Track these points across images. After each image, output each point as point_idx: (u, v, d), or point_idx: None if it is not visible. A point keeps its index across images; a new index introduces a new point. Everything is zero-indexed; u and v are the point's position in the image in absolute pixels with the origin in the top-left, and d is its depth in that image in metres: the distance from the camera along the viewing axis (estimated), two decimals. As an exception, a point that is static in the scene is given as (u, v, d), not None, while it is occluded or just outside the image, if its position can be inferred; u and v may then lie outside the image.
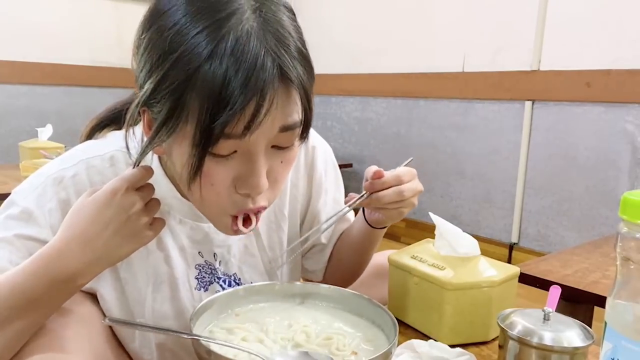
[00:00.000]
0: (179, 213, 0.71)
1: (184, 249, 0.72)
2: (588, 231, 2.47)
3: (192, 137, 0.54)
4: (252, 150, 0.56)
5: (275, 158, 0.59)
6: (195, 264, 0.74)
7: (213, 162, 0.56)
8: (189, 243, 0.73)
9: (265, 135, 0.55)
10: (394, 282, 0.82)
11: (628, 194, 0.46)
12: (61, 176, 0.66)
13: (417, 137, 3.20)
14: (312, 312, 0.70)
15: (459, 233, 0.78)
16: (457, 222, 0.78)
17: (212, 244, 0.75)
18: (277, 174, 0.61)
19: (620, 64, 2.31)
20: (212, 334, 0.63)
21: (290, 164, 0.62)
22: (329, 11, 3.65)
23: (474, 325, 0.74)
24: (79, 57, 3.44)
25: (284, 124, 0.56)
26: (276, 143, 0.58)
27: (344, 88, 3.56)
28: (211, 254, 0.75)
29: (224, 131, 0.52)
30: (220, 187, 0.58)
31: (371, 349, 0.62)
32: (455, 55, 2.93)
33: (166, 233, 0.70)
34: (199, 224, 0.73)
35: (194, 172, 0.56)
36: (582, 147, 2.48)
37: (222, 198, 0.59)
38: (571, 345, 0.57)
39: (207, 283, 0.75)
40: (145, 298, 0.70)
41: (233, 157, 0.57)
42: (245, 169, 0.57)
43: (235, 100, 0.51)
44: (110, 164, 0.68)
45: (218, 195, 0.58)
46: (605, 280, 1.06)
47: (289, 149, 0.60)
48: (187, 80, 0.52)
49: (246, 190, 0.58)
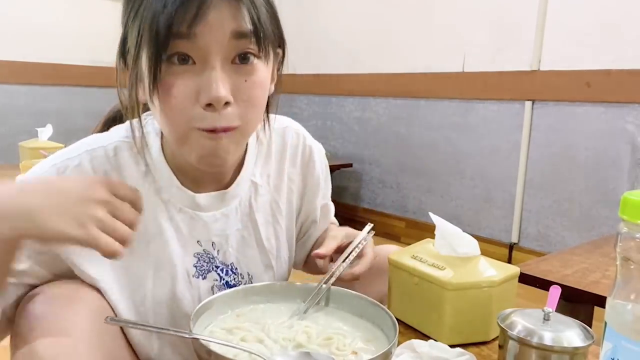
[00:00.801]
0: (179, 202, 0.72)
1: (182, 238, 0.73)
2: (588, 231, 2.47)
3: (147, 46, 0.59)
4: (207, 57, 0.60)
5: (237, 75, 0.62)
6: (193, 252, 0.74)
7: (171, 73, 0.60)
8: (188, 232, 0.74)
9: (217, 40, 0.59)
10: (394, 282, 0.82)
11: (628, 194, 0.46)
12: (65, 165, 0.67)
13: (417, 137, 3.20)
14: (312, 312, 0.70)
15: (459, 233, 0.78)
16: (457, 222, 0.78)
17: (211, 233, 0.75)
18: (244, 94, 0.63)
19: (620, 64, 2.31)
20: (212, 334, 0.63)
21: (258, 86, 0.64)
22: (329, 11, 3.65)
23: (474, 325, 0.74)
24: (79, 57, 3.44)
25: (234, 29, 0.60)
26: (232, 53, 0.61)
27: (344, 88, 3.56)
28: (209, 243, 0.76)
29: (171, 30, 0.57)
30: (182, 97, 0.60)
31: (371, 349, 0.62)
32: (455, 55, 2.93)
33: (165, 221, 0.72)
34: (198, 212, 0.74)
35: (153, 81, 0.60)
36: (582, 147, 2.48)
37: (187, 111, 0.61)
38: (571, 345, 0.57)
39: (206, 271, 0.75)
40: (146, 283, 0.71)
41: (192, 70, 0.60)
42: (203, 79, 0.60)
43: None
44: (113, 154, 0.69)
45: (183, 108, 0.61)
46: (605, 280, 1.06)
47: (250, 65, 0.63)
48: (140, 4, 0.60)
49: (207, 100, 0.60)
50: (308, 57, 3.73)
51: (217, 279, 0.76)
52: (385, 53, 3.31)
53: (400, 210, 3.32)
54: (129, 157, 0.70)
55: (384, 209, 3.43)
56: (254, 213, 0.80)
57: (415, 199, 3.23)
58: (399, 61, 3.23)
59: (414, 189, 3.23)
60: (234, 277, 0.78)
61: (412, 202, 3.25)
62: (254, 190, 0.80)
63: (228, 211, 0.77)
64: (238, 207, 0.78)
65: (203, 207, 0.74)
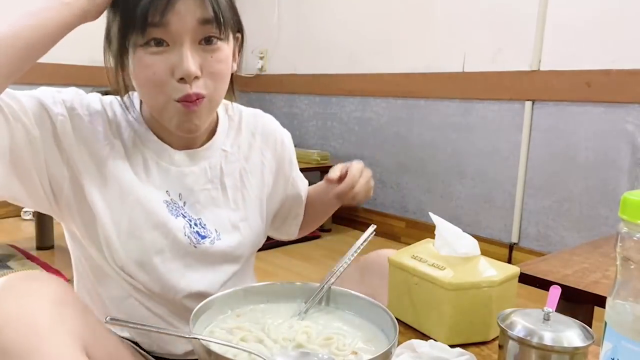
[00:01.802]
0: (155, 153, 0.84)
1: (153, 186, 0.83)
2: (588, 231, 2.47)
3: (129, 34, 0.72)
4: (178, 40, 0.73)
5: (204, 53, 0.75)
6: (162, 200, 0.83)
7: (150, 55, 0.73)
8: (158, 180, 0.83)
9: (186, 26, 0.72)
10: (394, 282, 0.82)
11: (628, 194, 0.46)
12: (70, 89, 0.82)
13: (417, 137, 3.20)
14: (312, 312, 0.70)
15: (459, 233, 0.78)
16: (457, 222, 0.78)
17: (179, 185, 0.85)
18: (211, 68, 0.76)
19: (620, 64, 2.31)
20: (212, 334, 0.63)
21: (222, 61, 0.77)
22: (329, 11, 3.65)
23: (474, 325, 0.74)
24: (78, 57, 3.44)
25: (199, 17, 0.72)
26: (199, 36, 0.74)
27: (344, 88, 3.56)
28: (177, 194, 0.85)
29: (146, 20, 0.70)
30: (161, 74, 0.74)
31: (371, 349, 0.62)
32: (455, 55, 2.93)
33: (140, 166, 0.82)
34: (169, 166, 0.84)
35: (134, 60, 0.74)
36: (582, 147, 2.48)
37: (165, 85, 0.74)
38: (571, 345, 0.57)
39: (175, 215, 0.83)
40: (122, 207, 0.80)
41: (167, 51, 0.73)
42: (176, 58, 0.73)
43: None
44: (109, 102, 0.84)
45: (161, 83, 0.74)
46: (605, 280, 1.06)
47: (214, 45, 0.75)
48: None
49: (180, 74, 0.73)
50: (308, 57, 3.73)
51: (186, 225, 0.84)
52: (385, 53, 3.31)
53: (400, 210, 3.32)
54: (119, 110, 0.84)
55: (384, 209, 3.42)
56: (224, 177, 0.90)
57: (415, 199, 3.23)
58: (399, 61, 3.23)
59: (414, 189, 3.23)
60: (202, 230, 0.86)
61: (412, 202, 3.25)
62: (224, 157, 0.90)
63: (197, 170, 0.86)
64: (208, 169, 0.87)
65: (175, 161, 0.85)
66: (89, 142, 0.79)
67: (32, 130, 0.73)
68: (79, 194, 0.78)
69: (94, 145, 0.79)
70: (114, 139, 0.81)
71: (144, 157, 0.83)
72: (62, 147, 0.76)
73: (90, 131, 0.79)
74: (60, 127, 0.76)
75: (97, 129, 0.80)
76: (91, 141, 0.79)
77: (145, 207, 0.81)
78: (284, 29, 3.84)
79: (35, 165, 0.74)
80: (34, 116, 0.73)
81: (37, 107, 0.74)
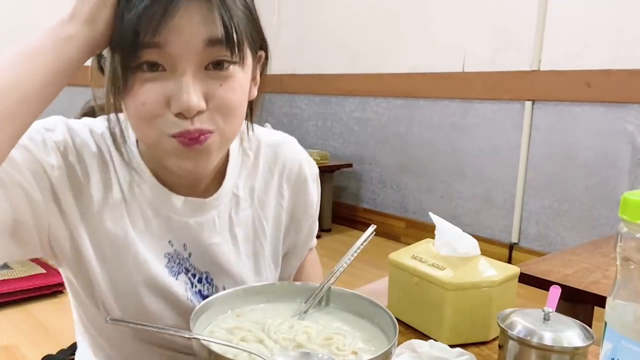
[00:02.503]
0: (154, 200, 0.70)
1: (153, 238, 0.70)
2: (588, 231, 2.47)
3: (116, 54, 0.57)
4: (177, 64, 0.57)
5: (212, 80, 0.59)
6: (164, 253, 0.71)
7: (141, 80, 0.58)
8: (159, 231, 0.71)
9: (187, 47, 0.57)
10: (394, 282, 0.82)
11: (628, 194, 0.46)
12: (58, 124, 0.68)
13: (417, 137, 3.20)
14: (312, 312, 0.70)
15: (459, 233, 0.78)
16: (457, 222, 0.78)
17: (184, 236, 0.72)
18: (220, 100, 0.60)
19: (620, 64, 2.31)
20: (212, 334, 0.63)
21: (235, 90, 0.61)
22: (329, 11, 3.65)
23: (474, 325, 0.74)
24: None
25: (206, 36, 0.57)
26: (205, 60, 0.58)
27: (344, 88, 3.56)
28: (181, 244, 0.72)
29: (137, 39, 0.55)
30: (153, 105, 0.58)
31: (371, 349, 0.62)
32: (455, 55, 2.93)
33: (138, 216, 0.69)
34: (171, 215, 0.71)
35: (123, 86, 0.58)
36: (582, 147, 2.48)
37: (158, 118, 0.59)
38: (571, 345, 0.57)
39: (176, 273, 0.72)
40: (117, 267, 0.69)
41: (163, 76, 0.58)
42: (174, 86, 0.57)
43: (139, 2, 0.54)
44: (88, 131, 0.69)
45: (152, 114, 0.58)
46: (605, 280, 1.06)
47: (224, 71, 0.60)
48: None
49: (177, 109, 0.57)
50: (308, 57, 3.73)
51: (188, 282, 0.73)
52: (385, 53, 3.31)
53: (400, 210, 3.32)
54: (113, 144, 0.69)
55: (384, 209, 3.43)
56: (235, 227, 0.76)
57: (415, 199, 3.23)
58: (399, 61, 3.23)
59: (414, 189, 3.23)
60: (207, 287, 0.75)
61: (412, 202, 3.25)
62: (234, 203, 0.76)
63: (204, 221, 0.73)
64: (216, 219, 0.74)
65: (178, 210, 0.71)
66: (84, 196, 0.66)
67: (32, 193, 0.61)
68: (78, 252, 0.67)
69: (88, 199, 0.66)
70: (109, 185, 0.68)
71: (141, 206, 0.69)
72: (60, 205, 0.64)
73: (85, 181, 0.66)
74: (57, 184, 0.64)
75: (92, 177, 0.66)
76: (86, 195, 0.66)
77: (143, 268, 0.69)
78: (284, 29, 3.84)
79: (38, 229, 0.63)
80: (32, 176, 0.61)
81: (32, 164, 0.61)
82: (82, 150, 0.67)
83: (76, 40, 0.56)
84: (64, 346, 1.74)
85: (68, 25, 0.57)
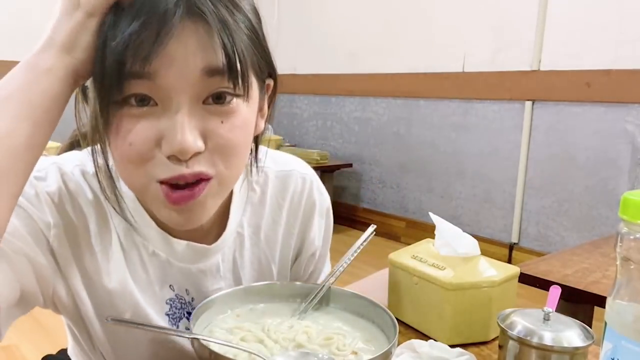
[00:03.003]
0: (152, 244, 0.64)
1: (152, 286, 0.65)
2: (588, 231, 2.48)
3: (97, 86, 0.50)
4: (170, 98, 0.50)
5: (211, 116, 0.51)
6: (166, 299, 0.66)
7: (128, 116, 0.50)
8: (160, 277, 0.65)
9: (182, 78, 0.49)
10: (394, 282, 0.82)
11: (628, 194, 0.46)
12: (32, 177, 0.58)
13: (417, 137, 3.20)
14: (312, 312, 0.70)
15: (459, 233, 0.78)
16: (457, 222, 0.78)
17: (186, 281, 0.67)
18: (220, 138, 0.52)
19: (620, 64, 2.31)
20: (212, 334, 0.63)
21: (238, 127, 0.53)
22: (329, 11, 3.65)
23: (474, 325, 0.74)
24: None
25: (204, 65, 0.49)
26: (204, 92, 0.51)
27: (344, 88, 3.57)
28: (183, 289, 0.67)
29: (123, 68, 0.47)
30: (141, 146, 0.50)
31: (371, 349, 0.62)
32: (455, 55, 2.93)
33: (136, 263, 0.64)
34: (172, 259, 0.66)
35: (107, 123, 0.50)
36: (582, 147, 2.48)
37: (146, 160, 0.51)
38: (571, 345, 0.57)
39: (177, 319, 0.67)
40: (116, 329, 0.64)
41: (153, 112, 0.50)
42: (167, 124, 0.50)
43: (126, 26, 0.47)
44: (80, 173, 0.62)
45: (140, 156, 0.51)
46: (605, 280, 1.06)
47: (227, 105, 0.52)
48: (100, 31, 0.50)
49: (169, 150, 0.49)
50: (308, 57, 3.73)
51: (189, 327, 0.66)
52: (385, 53, 3.32)
53: (400, 210, 3.32)
54: (106, 183, 0.61)
55: (384, 209, 3.43)
56: (239, 270, 0.71)
57: (415, 199, 3.23)
58: (399, 61, 3.23)
59: (414, 189, 3.23)
60: None
61: (412, 202, 3.25)
62: (239, 243, 0.70)
63: (206, 267, 0.68)
64: (220, 264, 0.69)
65: (178, 255, 0.65)
66: (83, 251, 0.60)
67: (37, 258, 0.56)
68: (77, 309, 0.63)
69: (87, 255, 0.61)
70: (107, 236, 0.62)
71: (140, 253, 0.64)
72: (59, 265, 0.59)
73: (83, 234, 0.60)
74: (55, 243, 0.58)
75: (90, 228, 0.61)
76: (85, 250, 0.60)
77: (144, 321, 0.64)
78: (284, 29, 3.84)
79: (43, 293, 0.59)
80: (33, 240, 0.56)
81: (30, 225, 0.56)
82: (78, 197, 0.60)
83: (56, 72, 0.49)
84: (64, 346, 1.74)
85: (45, 54, 0.49)
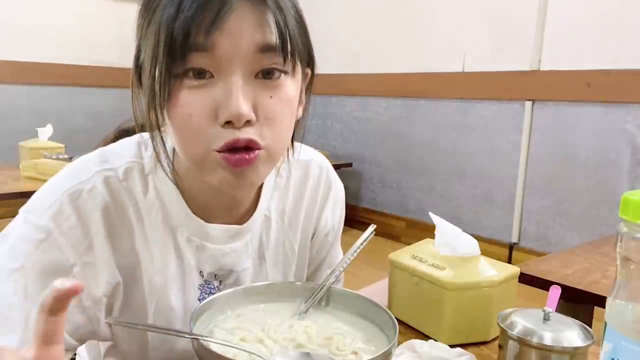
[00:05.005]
0: (187, 230, 0.67)
1: (186, 271, 0.68)
2: (588, 231, 2.48)
3: (162, 59, 0.53)
4: (227, 70, 0.54)
5: (262, 90, 0.56)
6: (198, 285, 0.70)
7: (187, 90, 0.54)
8: (193, 262, 0.69)
9: (239, 52, 0.53)
10: (394, 282, 0.82)
11: (628, 194, 0.46)
12: (79, 190, 0.61)
13: (417, 136, 3.20)
14: (312, 312, 0.70)
15: (459, 233, 0.78)
16: (457, 222, 0.78)
17: (215, 265, 0.70)
18: (269, 111, 0.56)
19: (620, 64, 2.31)
20: (212, 334, 0.63)
21: (284, 102, 0.57)
22: (329, 11, 3.65)
23: (474, 325, 0.74)
24: (78, 57, 3.44)
25: (259, 41, 0.53)
26: (256, 67, 0.55)
27: (344, 88, 3.57)
28: (212, 275, 0.70)
29: (187, 40, 0.51)
30: (200, 117, 0.54)
31: (371, 349, 0.62)
32: (455, 55, 2.93)
33: (170, 252, 0.67)
34: (206, 243, 0.68)
35: (166, 99, 0.54)
36: (582, 147, 2.48)
37: (204, 131, 0.55)
38: (571, 345, 0.57)
39: None
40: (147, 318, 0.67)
41: (210, 84, 0.54)
42: (222, 94, 0.54)
43: (191, 3, 0.51)
44: (124, 177, 0.64)
45: (199, 127, 0.55)
46: (605, 280, 1.06)
47: (276, 80, 0.56)
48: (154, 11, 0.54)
49: (225, 116, 0.53)
50: (308, 57, 3.74)
51: None
52: (385, 53, 3.32)
53: (400, 210, 3.32)
54: (139, 180, 0.64)
55: (384, 209, 3.43)
56: (264, 250, 0.75)
57: (415, 199, 3.23)
58: (399, 61, 3.23)
59: (414, 188, 3.23)
60: None
61: (412, 202, 3.25)
62: (266, 226, 0.74)
63: (239, 247, 0.71)
64: (249, 243, 0.72)
65: (213, 238, 0.68)
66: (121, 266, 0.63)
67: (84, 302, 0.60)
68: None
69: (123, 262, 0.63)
70: (143, 240, 0.64)
71: (175, 240, 0.67)
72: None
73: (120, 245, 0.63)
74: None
75: (128, 239, 0.64)
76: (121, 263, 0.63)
77: (178, 313, 0.67)
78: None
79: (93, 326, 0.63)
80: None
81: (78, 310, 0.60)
82: (113, 212, 0.62)
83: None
84: (64, 346, 1.74)
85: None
